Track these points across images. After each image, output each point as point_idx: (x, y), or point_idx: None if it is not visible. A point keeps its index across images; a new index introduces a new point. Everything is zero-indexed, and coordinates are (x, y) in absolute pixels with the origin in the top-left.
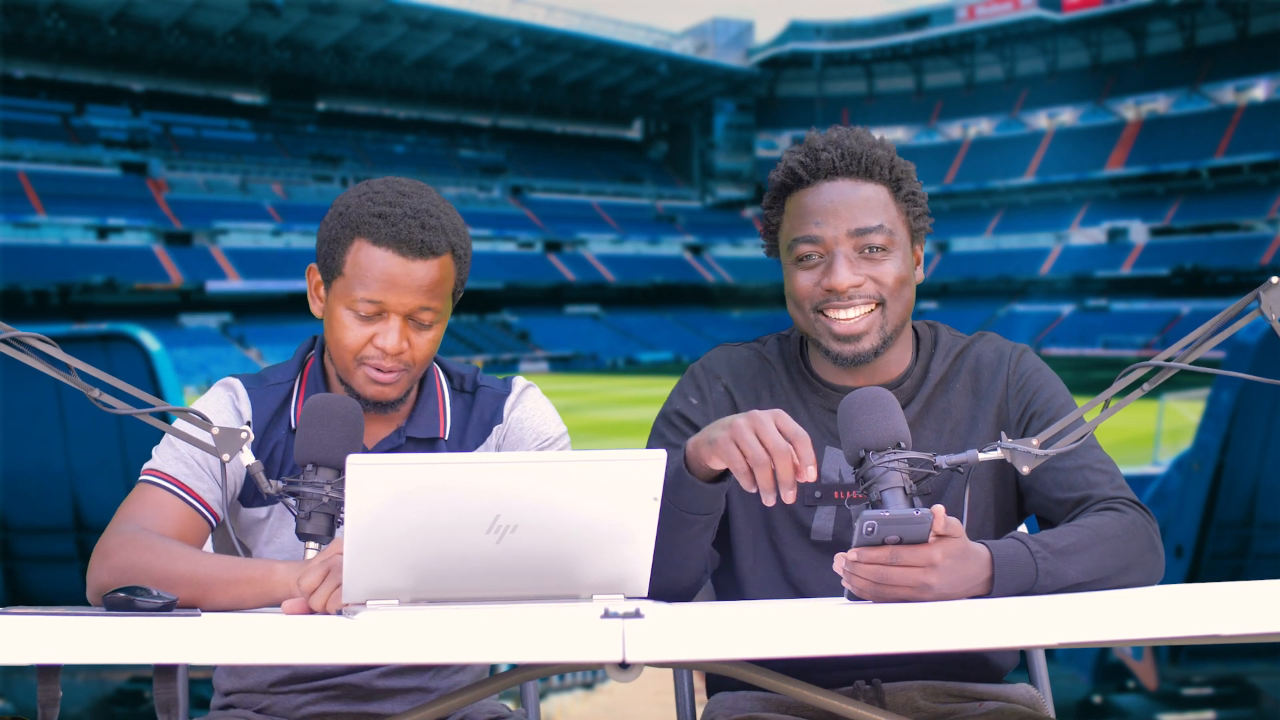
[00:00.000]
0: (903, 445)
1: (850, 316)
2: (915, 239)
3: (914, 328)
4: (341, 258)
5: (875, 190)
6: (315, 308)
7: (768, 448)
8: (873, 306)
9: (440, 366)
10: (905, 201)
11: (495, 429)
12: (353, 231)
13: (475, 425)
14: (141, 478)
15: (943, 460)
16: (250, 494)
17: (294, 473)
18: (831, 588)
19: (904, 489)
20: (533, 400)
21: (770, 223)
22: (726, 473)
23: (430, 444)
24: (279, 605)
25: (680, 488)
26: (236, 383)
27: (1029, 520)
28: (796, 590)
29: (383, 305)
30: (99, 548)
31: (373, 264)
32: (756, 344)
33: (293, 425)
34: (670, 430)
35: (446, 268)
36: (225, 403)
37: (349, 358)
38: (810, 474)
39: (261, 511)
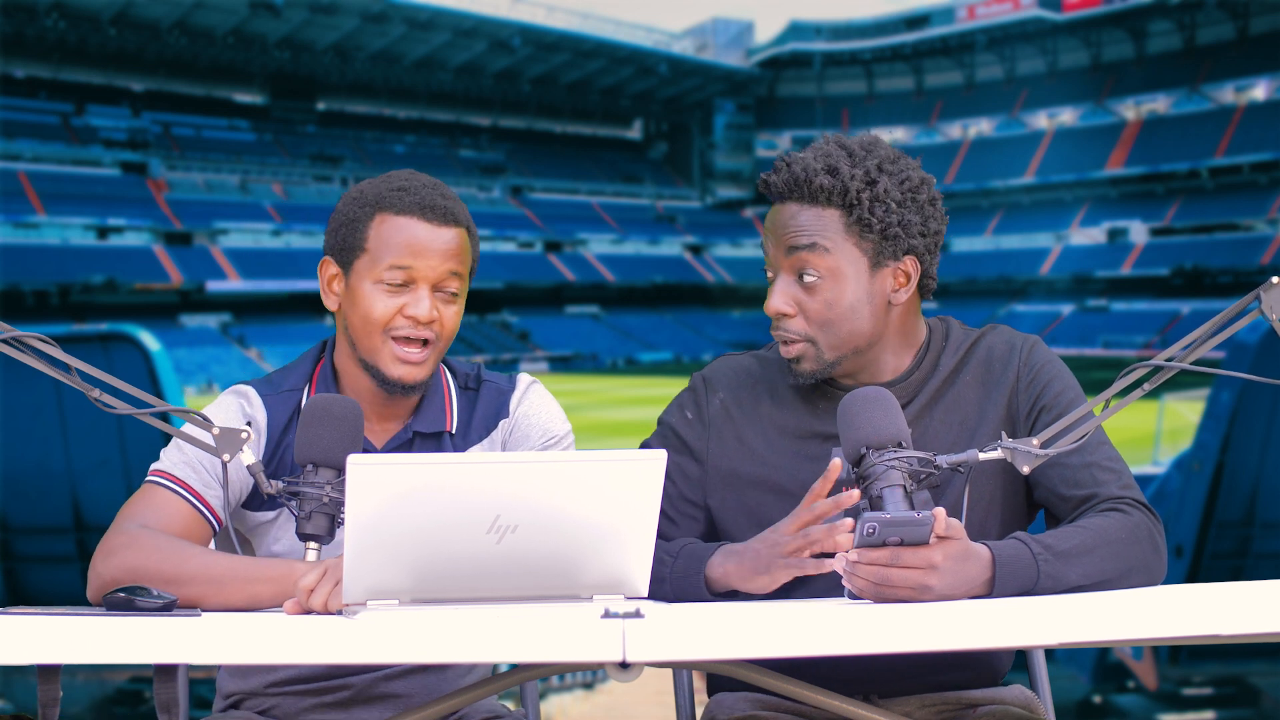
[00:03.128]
0: (903, 444)
1: (786, 344)
2: (880, 263)
3: (927, 324)
4: (363, 234)
5: (817, 215)
6: (330, 302)
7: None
8: (800, 340)
9: (445, 363)
10: (859, 225)
11: (501, 423)
12: (372, 209)
13: (480, 420)
14: (148, 478)
15: (943, 460)
16: (258, 498)
17: (294, 472)
18: (826, 583)
19: (904, 487)
20: (539, 396)
21: None
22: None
23: (436, 438)
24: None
25: (688, 587)
26: (249, 390)
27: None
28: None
29: (411, 272)
30: (103, 546)
31: (398, 232)
32: (764, 350)
33: None
34: (662, 444)
35: (464, 240)
36: (235, 410)
37: (377, 333)
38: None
39: (268, 515)
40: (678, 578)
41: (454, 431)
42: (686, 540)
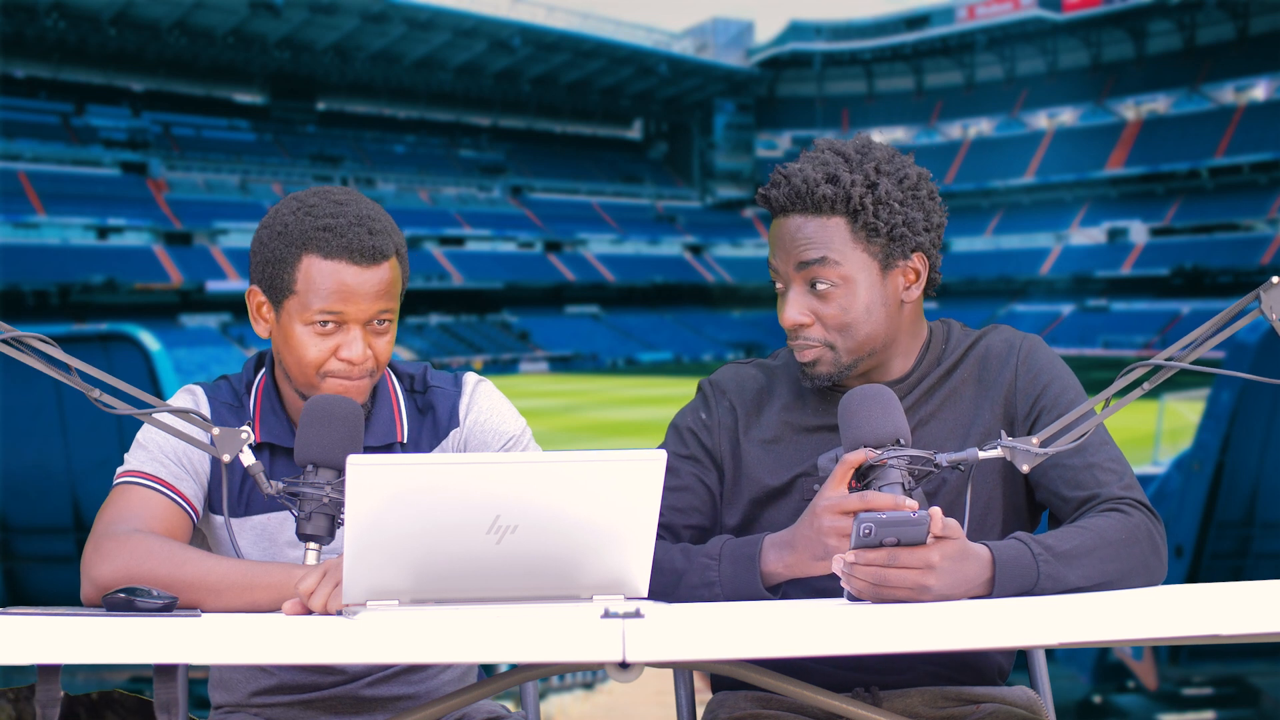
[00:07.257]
0: (903, 441)
1: (803, 350)
2: (890, 264)
3: (928, 325)
4: (291, 276)
5: (822, 225)
6: (260, 329)
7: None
8: (818, 346)
9: (391, 368)
10: (865, 230)
11: (452, 433)
12: (299, 249)
13: (430, 427)
14: (120, 480)
15: (943, 458)
16: (216, 500)
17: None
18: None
19: (903, 485)
20: (486, 399)
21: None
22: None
23: (387, 449)
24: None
25: (743, 586)
26: (199, 390)
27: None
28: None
29: (342, 316)
30: (94, 550)
31: (326, 277)
32: (768, 360)
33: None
34: (678, 443)
35: (394, 269)
36: (188, 406)
37: (312, 373)
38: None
39: (218, 519)
40: (728, 580)
41: (404, 441)
42: (723, 539)
